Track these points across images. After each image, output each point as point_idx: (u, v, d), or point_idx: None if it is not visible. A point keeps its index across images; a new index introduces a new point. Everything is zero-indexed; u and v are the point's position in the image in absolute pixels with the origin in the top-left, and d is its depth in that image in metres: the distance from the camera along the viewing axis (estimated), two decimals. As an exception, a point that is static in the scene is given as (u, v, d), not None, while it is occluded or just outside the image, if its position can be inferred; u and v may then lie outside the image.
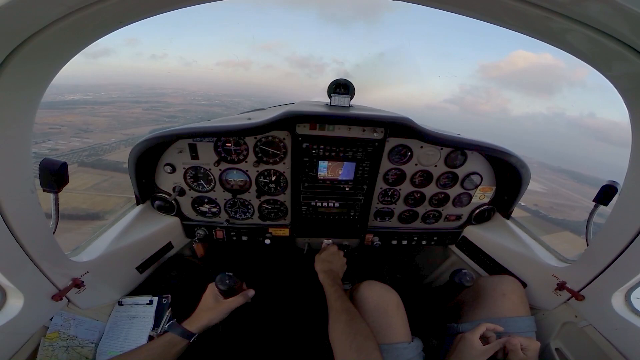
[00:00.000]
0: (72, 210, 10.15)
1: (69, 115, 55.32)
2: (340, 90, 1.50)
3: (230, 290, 1.22)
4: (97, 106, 69.02)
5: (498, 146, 1.52)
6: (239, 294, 1.26)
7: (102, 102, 78.85)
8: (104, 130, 44.19)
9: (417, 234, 1.91)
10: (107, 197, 14.13)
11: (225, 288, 1.20)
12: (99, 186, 15.85)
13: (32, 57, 0.68)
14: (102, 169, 20.50)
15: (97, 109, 63.89)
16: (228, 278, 1.21)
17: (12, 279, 0.91)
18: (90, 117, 50.49)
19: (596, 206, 1.29)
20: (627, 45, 0.67)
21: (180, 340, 1.07)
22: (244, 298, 1.26)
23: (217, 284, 1.21)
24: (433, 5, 0.77)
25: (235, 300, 1.23)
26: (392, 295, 1.28)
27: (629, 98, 0.84)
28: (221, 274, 1.22)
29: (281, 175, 1.61)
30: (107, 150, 27.69)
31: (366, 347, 1.00)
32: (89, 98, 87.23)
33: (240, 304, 1.24)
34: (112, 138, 34.98)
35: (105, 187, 15.94)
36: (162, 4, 0.74)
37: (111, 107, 70.86)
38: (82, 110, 59.87)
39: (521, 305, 1.32)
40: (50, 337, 1.13)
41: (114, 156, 25.18)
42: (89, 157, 24.85)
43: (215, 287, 1.22)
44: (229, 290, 1.21)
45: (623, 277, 1.07)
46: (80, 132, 40.38)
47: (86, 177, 15.93)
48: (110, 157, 24.66)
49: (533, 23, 0.72)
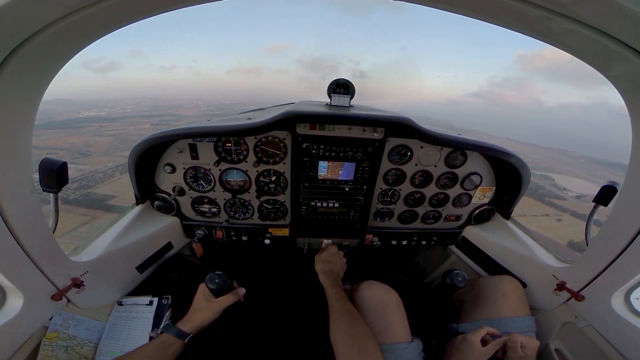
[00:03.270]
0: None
1: (74, 136, 53.16)
2: (340, 90, 1.50)
3: (221, 289, 1.22)
4: (106, 124, 67.24)
5: (498, 146, 1.52)
6: (231, 292, 1.27)
7: (113, 119, 76.63)
8: (103, 152, 41.67)
9: (417, 234, 1.91)
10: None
11: (215, 287, 1.20)
12: (74, 232, 14.49)
13: (32, 57, 0.68)
14: (86, 207, 19.41)
15: (105, 127, 62.15)
16: (217, 277, 1.21)
17: (12, 279, 0.91)
18: (94, 137, 48.32)
19: (596, 206, 1.29)
20: (627, 45, 0.67)
21: (175, 341, 1.07)
22: (236, 296, 1.26)
23: (207, 284, 1.21)
24: (434, 5, 0.77)
25: (226, 298, 1.23)
26: (392, 296, 1.28)
27: (629, 98, 0.84)
28: (210, 273, 1.22)
29: (281, 175, 1.61)
30: (100, 179, 25.82)
31: (368, 349, 1.00)
32: (102, 114, 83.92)
33: (232, 302, 1.24)
34: (110, 162, 32.28)
35: (80, 234, 14.76)
36: (162, 4, 0.74)
37: (120, 123, 68.99)
38: (90, 129, 57.90)
39: (521, 306, 1.32)
40: (49, 337, 1.13)
41: (104, 188, 23.73)
42: (77, 190, 22.69)
43: (205, 287, 1.22)
44: (219, 289, 1.21)
45: (623, 278, 1.07)
46: (79, 157, 38.45)
47: (65, 220, 15.47)
48: (100, 190, 23.19)
49: (533, 23, 0.72)
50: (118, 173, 26.30)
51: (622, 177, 1.00)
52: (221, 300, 1.22)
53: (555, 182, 32.04)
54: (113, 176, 26.13)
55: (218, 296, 1.23)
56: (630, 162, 0.97)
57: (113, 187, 23.49)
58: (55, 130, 50.39)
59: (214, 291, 1.21)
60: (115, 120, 71.68)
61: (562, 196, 27.41)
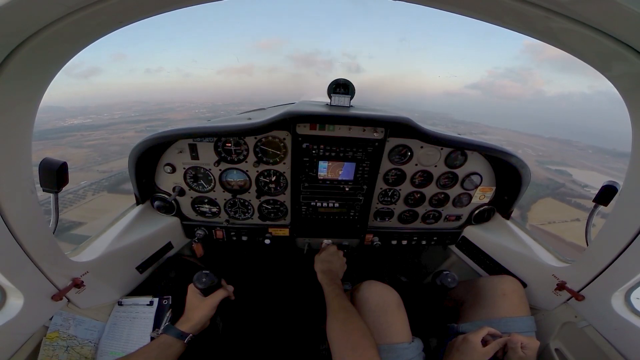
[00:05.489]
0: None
1: (52, 148, 46.67)
2: (340, 90, 1.50)
3: (209, 288, 1.22)
4: (87, 132, 60.68)
5: (498, 146, 1.52)
6: (220, 288, 1.28)
7: (97, 126, 69.96)
8: (79, 167, 35.26)
9: (417, 234, 1.91)
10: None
11: (203, 286, 1.20)
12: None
13: (32, 57, 0.68)
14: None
15: (87, 136, 55.79)
16: (205, 276, 1.21)
17: (12, 279, 0.91)
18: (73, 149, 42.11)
19: (596, 206, 1.29)
20: (627, 45, 0.67)
21: (175, 341, 1.07)
22: (225, 291, 1.27)
23: (195, 284, 1.21)
24: (433, 5, 0.77)
25: (217, 294, 1.24)
26: (393, 295, 1.28)
27: (629, 98, 0.84)
28: (197, 272, 1.22)
29: (281, 175, 1.61)
30: (69, 202, 21.44)
31: (362, 344, 0.99)
32: (87, 122, 76.74)
33: (223, 297, 1.26)
34: (84, 180, 27.43)
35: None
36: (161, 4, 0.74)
37: (103, 131, 62.65)
38: (70, 139, 51.71)
39: (521, 306, 1.32)
40: (50, 337, 1.13)
41: (71, 213, 20.01)
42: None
43: (195, 287, 1.23)
44: (207, 288, 1.22)
45: (623, 278, 1.07)
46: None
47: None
48: (66, 216, 18.83)
49: (533, 23, 0.72)
50: (90, 194, 22.92)
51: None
52: (213, 296, 1.23)
53: (573, 178, 28.77)
54: (84, 197, 22.86)
55: (207, 295, 1.24)
56: (631, 162, 0.97)
57: (82, 212, 20.67)
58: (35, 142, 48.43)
59: (203, 290, 1.22)
60: (98, 128, 65.73)
61: (586, 195, 23.75)
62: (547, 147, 52.70)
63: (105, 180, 23.15)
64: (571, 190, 24.46)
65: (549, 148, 53.58)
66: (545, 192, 22.47)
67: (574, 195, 23.08)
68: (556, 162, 38.09)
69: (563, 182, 25.94)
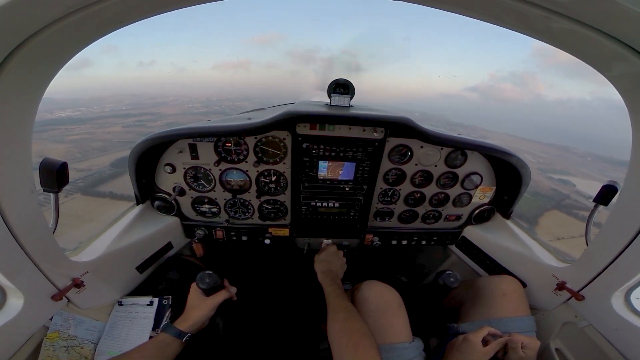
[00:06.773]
0: None
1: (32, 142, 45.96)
2: (340, 90, 1.50)
3: (212, 288, 1.23)
4: (72, 126, 56.03)
5: (498, 146, 1.52)
6: (223, 289, 1.28)
7: (84, 120, 65.17)
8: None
9: (417, 234, 1.91)
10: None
11: (205, 287, 1.21)
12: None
13: (32, 57, 0.68)
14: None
15: (70, 130, 51.38)
16: (208, 277, 1.22)
17: (12, 279, 0.91)
18: (52, 144, 37.69)
19: (596, 206, 1.29)
20: (627, 46, 0.68)
21: (173, 340, 1.07)
22: (228, 293, 1.28)
23: (197, 284, 1.21)
24: (433, 5, 0.77)
25: (218, 294, 1.25)
26: (393, 295, 1.28)
27: (629, 98, 0.84)
28: (200, 273, 1.23)
29: (281, 175, 1.61)
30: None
31: (363, 344, 1.00)
32: (76, 115, 71.27)
33: (225, 298, 1.26)
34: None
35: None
36: (161, 4, 0.74)
37: (89, 125, 58.09)
38: (54, 133, 46.85)
39: (521, 305, 1.32)
40: (51, 337, 1.13)
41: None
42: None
43: (197, 287, 1.23)
44: (210, 288, 1.22)
45: (623, 277, 1.07)
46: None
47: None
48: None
49: (533, 23, 0.72)
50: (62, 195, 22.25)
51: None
52: (214, 297, 1.24)
53: (577, 189, 27.42)
54: (44, 205, 22.10)
55: (209, 295, 1.24)
56: (631, 162, 0.97)
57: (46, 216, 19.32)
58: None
59: (205, 291, 1.22)
60: (85, 122, 61.42)
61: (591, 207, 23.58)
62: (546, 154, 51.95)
63: (81, 180, 20.69)
64: (576, 202, 23.21)
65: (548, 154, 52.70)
66: (551, 204, 21.93)
67: (580, 208, 21.81)
68: (558, 170, 36.57)
69: (568, 193, 25.19)
